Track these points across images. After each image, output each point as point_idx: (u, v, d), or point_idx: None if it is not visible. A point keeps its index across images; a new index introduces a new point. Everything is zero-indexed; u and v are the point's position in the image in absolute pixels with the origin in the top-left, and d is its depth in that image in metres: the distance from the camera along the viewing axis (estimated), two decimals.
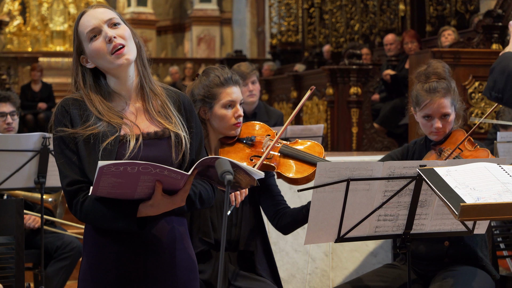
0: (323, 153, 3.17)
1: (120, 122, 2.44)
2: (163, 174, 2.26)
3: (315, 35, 13.33)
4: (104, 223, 2.39)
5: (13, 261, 3.63)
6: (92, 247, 2.46)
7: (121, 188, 2.28)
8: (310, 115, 9.25)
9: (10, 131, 5.06)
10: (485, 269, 3.44)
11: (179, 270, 2.48)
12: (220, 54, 16.71)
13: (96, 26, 2.45)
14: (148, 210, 2.35)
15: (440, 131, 3.44)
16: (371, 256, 4.26)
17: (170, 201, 2.35)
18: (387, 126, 8.38)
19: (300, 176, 3.09)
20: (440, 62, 3.56)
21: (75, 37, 2.50)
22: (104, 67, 2.48)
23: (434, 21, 10.13)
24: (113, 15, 2.48)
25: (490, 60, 6.52)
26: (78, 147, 2.41)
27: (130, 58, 2.46)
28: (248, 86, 5.48)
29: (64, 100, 2.50)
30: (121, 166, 2.20)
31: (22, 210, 3.60)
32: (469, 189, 2.44)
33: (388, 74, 8.49)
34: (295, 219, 3.25)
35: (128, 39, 2.47)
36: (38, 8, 17.41)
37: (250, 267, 3.24)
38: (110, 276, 2.43)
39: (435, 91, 3.41)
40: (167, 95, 2.56)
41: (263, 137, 3.25)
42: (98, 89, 2.49)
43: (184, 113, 2.56)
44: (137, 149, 2.41)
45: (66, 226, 5.55)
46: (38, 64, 12.09)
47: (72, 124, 2.43)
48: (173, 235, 2.48)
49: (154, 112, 2.50)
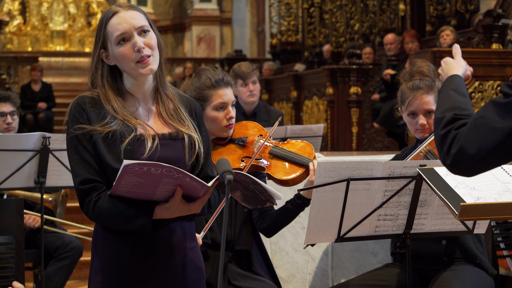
0: (313, 153, 3.15)
1: (134, 122, 2.45)
2: (185, 180, 2.27)
3: (315, 34, 13.33)
4: (117, 223, 2.38)
5: (13, 260, 3.63)
6: (104, 248, 2.46)
7: (142, 188, 2.29)
8: (310, 114, 9.25)
9: (10, 131, 5.06)
10: (481, 266, 3.45)
11: (189, 270, 2.49)
12: (220, 53, 16.71)
13: (127, 32, 2.45)
14: (163, 213, 2.35)
15: (425, 128, 3.46)
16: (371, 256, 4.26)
17: (187, 208, 2.36)
18: (387, 126, 8.38)
19: (288, 177, 3.07)
20: (425, 61, 3.60)
21: (100, 33, 2.49)
22: (125, 71, 2.49)
23: (434, 21, 10.13)
24: (144, 22, 2.48)
25: (490, 59, 6.53)
26: (96, 144, 2.41)
27: (154, 68, 2.47)
28: (249, 86, 5.48)
29: (80, 98, 2.49)
30: (145, 167, 2.20)
31: (22, 209, 3.59)
32: (469, 189, 2.44)
33: (388, 74, 8.49)
34: (275, 220, 3.23)
35: (154, 49, 2.48)
36: (38, 8, 17.41)
37: (247, 266, 3.24)
38: (122, 276, 2.43)
39: (418, 88, 3.45)
40: (179, 100, 2.58)
41: (255, 137, 3.24)
42: (114, 87, 2.50)
43: (195, 117, 2.58)
44: (154, 149, 2.42)
45: (66, 226, 5.56)
46: (38, 64, 12.09)
47: (89, 122, 2.43)
48: (183, 235, 2.49)
49: (167, 115, 2.51)
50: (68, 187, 4.71)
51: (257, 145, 3.19)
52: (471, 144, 2.04)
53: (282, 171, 3.09)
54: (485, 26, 7.15)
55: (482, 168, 2.09)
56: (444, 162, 2.11)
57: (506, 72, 6.43)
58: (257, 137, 3.23)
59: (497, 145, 2.02)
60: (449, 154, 2.08)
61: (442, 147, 2.11)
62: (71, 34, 17.45)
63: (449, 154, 2.08)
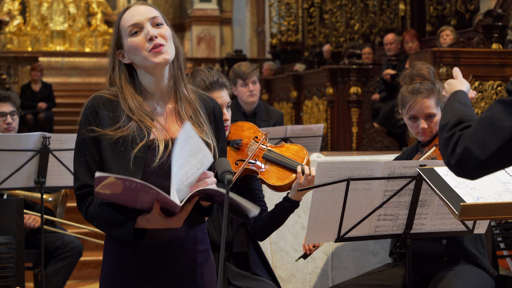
0: (305, 158, 3.11)
1: (150, 125, 2.41)
2: (159, 197, 2.23)
3: (315, 34, 13.33)
4: (104, 228, 2.42)
5: (13, 260, 3.64)
6: (113, 249, 2.46)
7: (121, 198, 2.28)
8: (310, 114, 9.25)
9: (10, 131, 5.07)
10: (481, 266, 3.45)
11: (199, 272, 2.47)
12: (220, 53, 16.71)
13: (139, 22, 2.43)
14: (145, 224, 2.34)
15: (426, 131, 3.46)
16: (371, 256, 4.26)
17: (165, 222, 2.32)
18: (387, 126, 8.38)
19: (281, 183, 3.05)
20: (425, 64, 3.60)
21: (115, 32, 2.48)
22: (140, 64, 2.44)
23: (434, 21, 10.13)
24: (156, 13, 2.46)
25: (490, 59, 6.53)
26: (104, 150, 2.39)
27: (168, 58, 2.42)
28: (249, 86, 5.48)
29: (94, 97, 2.45)
30: (119, 180, 2.18)
31: (22, 209, 3.60)
32: (469, 189, 2.44)
33: (388, 74, 8.49)
34: (265, 223, 3.22)
35: (168, 40, 2.44)
36: (38, 8, 17.40)
37: (245, 267, 3.24)
38: (130, 278, 2.43)
39: (418, 92, 3.45)
40: (200, 102, 2.53)
41: (250, 139, 3.22)
42: (132, 85, 2.46)
43: (213, 121, 2.53)
44: (166, 156, 2.38)
45: (66, 226, 5.56)
46: (38, 64, 12.09)
47: (101, 124, 2.40)
48: (194, 237, 2.46)
49: (186, 116, 2.46)
50: (68, 187, 4.72)
51: (251, 148, 3.17)
52: (476, 144, 1.98)
53: (274, 177, 3.06)
54: (485, 26, 7.15)
55: (488, 169, 2.02)
56: (449, 163, 2.05)
57: (506, 72, 6.43)
58: (252, 140, 3.21)
59: (504, 143, 1.95)
60: (454, 154, 2.02)
61: (447, 149, 2.05)
62: (71, 34, 17.45)
63: (453, 154, 2.02)
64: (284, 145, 3.20)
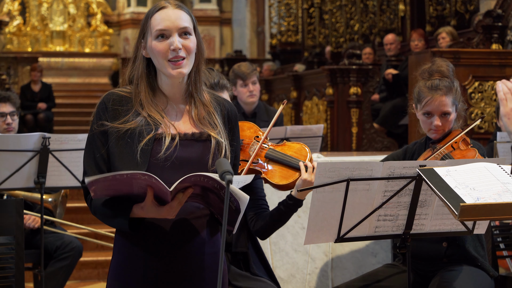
0: (308, 156, 3.11)
1: (158, 118, 2.42)
2: (152, 181, 2.25)
3: (315, 35, 13.33)
4: (105, 220, 2.43)
5: (13, 261, 3.64)
6: (120, 247, 2.47)
7: (117, 186, 2.29)
8: (310, 115, 9.25)
9: (10, 131, 5.06)
10: (482, 268, 3.44)
11: (207, 274, 2.45)
12: (220, 54, 16.71)
13: (168, 29, 2.43)
14: (140, 212, 2.35)
15: (439, 129, 3.44)
16: (371, 256, 4.26)
17: (156, 210, 2.33)
18: (387, 126, 8.38)
19: (285, 182, 3.04)
20: (445, 61, 3.56)
21: (143, 24, 2.48)
22: (158, 67, 2.47)
23: (434, 21, 10.13)
24: (187, 24, 2.46)
25: (490, 60, 6.54)
26: (110, 146, 2.41)
27: (184, 72, 2.44)
28: (249, 86, 5.48)
29: (107, 95, 2.49)
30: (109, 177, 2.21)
31: (22, 210, 3.60)
32: (469, 189, 2.44)
33: (390, 73, 8.49)
34: (268, 222, 3.21)
35: (191, 53, 2.46)
36: (38, 8, 17.40)
37: (245, 268, 3.24)
38: (137, 276, 2.43)
39: (436, 89, 3.42)
40: (215, 105, 2.53)
41: (251, 139, 3.21)
42: (148, 81, 2.48)
43: (228, 125, 2.54)
44: (172, 148, 2.39)
45: (66, 226, 5.56)
46: (38, 64, 12.09)
47: (110, 119, 2.43)
48: (202, 239, 2.44)
49: (199, 118, 2.47)
50: (68, 187, 4.72)
51: (253, 148, 3.17)
52: None
53: (278, 176, 3.06)
54: (485, 27, 7.15)
55: None
56: None
57: (506, 73, 6.43)
58: (254, 139, 3.21)
59: None
60: None
61: None
62: (71, 34, 17.44)
63: None
64: (285, 143, 3.19)
